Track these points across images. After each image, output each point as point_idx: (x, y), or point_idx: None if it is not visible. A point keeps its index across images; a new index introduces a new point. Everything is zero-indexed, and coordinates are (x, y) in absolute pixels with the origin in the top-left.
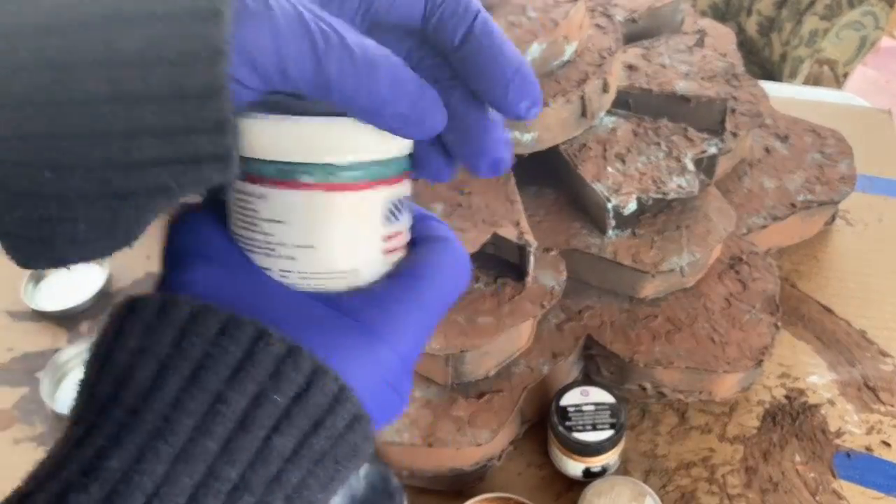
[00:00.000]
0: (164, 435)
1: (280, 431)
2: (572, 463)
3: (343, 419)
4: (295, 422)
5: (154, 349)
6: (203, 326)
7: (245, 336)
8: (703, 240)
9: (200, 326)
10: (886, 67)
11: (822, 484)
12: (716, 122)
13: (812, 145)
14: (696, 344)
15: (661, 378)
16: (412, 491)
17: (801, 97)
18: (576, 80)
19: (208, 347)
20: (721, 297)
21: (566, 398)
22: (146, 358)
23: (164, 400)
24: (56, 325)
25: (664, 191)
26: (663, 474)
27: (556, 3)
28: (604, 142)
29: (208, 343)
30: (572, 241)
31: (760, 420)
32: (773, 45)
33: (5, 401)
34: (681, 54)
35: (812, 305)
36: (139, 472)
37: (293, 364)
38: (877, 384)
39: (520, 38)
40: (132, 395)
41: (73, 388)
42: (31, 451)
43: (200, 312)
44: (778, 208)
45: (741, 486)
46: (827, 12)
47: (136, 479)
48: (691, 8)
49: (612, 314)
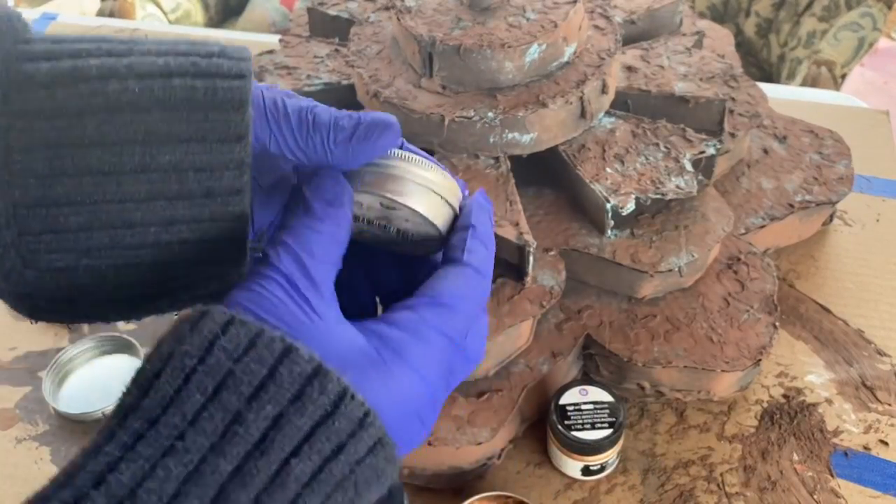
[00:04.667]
0: (177, 452)
1: (299, 456)
2: (571, 462)
3: (366, 445)
4: (316, 447)
5: (182, 359)
6: (231, 340)
7: (271, 353)
8: (702, 240)
9: (228, 340)
10: (884, 68)
11: (819, 483)
12: (714, 122)
13: (810, 146)
14: (695, 343)
15: (659, 377)
16: (412, 489)
17: (800, 98)
18: (575, 82)
19: (232, 364)
20: (719, 297)
21: (565, 397)
22: (173, 367)
23: (182, 415)
24: (58, 324)
25: (663, 191)
26: (662, 473)
27: (555, 4)
28: (603, 142)
29: (233, 359)
30: (571, 241)
31: (758, 419)
32: (772, 47)
33: (8, 400)
34: (679, 55)
35: (810, 305)
36: (147, 490)
37: (319, 387)
38: (874, 383)
39: (519, 40)
40: (153, 404)
41: (75, 388)
42: (33, 450)
43: (231, 324)
44: (776, 208)
45: (739, 485)
46: (825, 14)
47: (144, 498)
48: (690, 9)
49: (610, 314)
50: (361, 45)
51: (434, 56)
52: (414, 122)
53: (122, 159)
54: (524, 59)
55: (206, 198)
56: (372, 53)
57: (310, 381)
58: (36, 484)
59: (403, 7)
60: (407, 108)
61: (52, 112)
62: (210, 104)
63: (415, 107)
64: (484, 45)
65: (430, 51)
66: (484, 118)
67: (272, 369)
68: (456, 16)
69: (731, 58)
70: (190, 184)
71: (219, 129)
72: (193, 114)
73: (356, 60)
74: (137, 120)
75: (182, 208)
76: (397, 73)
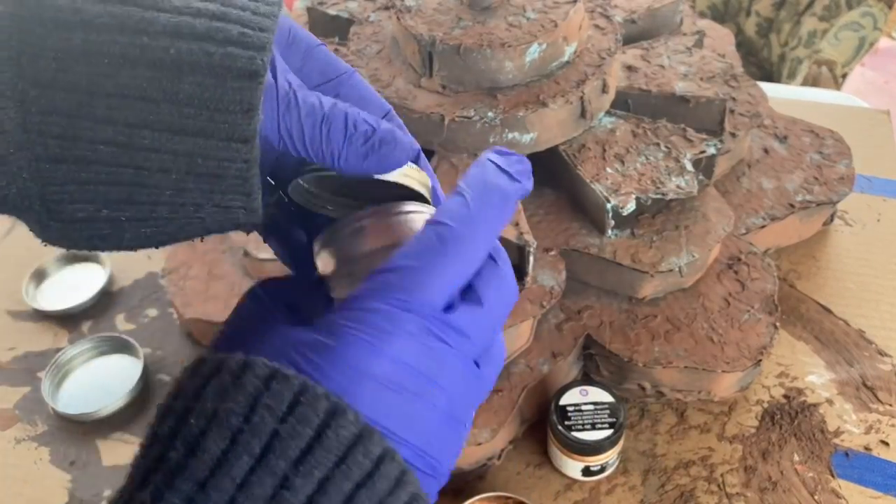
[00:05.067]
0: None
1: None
2: (571, 462)
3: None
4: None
5: (227, 418)
6: (275, 398)
7: (317, 413)
8: (702, 240)
9: (273, 397)
10: (885, 68)
11: (820, 483)
12: (715, 122)
13: (811, 146)
14: (695, 343)
15: (659, 377)
16: None
17: (800, 98)
18: (575, 81)
19: (278, 424)
20: (720, 297)
21: (566, 397)
22: (218, 426)
23: (232, 479)
24: (57, 324)
25: (663, 191)
26: (662, 473)
27: (555, 3)
28: (603, 142)
29: (279, 418)
30: (572, 241)
31: (759, 419)
32: (772, 46)
33: (7, 400)
34: (680, 55)
35: (810, 305)
36: None
37: (364, 450)
38: (875, 384)
39: (519, 39)
40: (202, 466)
41: (74, 388)
42: (33, 450)
43: (273, 379)
44: (776, 208)
45: (740, 486)
46: (825, 13)
47: None
48: (690, 9)
49: (611, 314)
50: (361, 45)
51: (434, 56)
52: (414, 122)
53: (132, 140)
54: (524, 58)
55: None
56: (372, 53)
57: (355, 444)
58: (35, 484)
59: (403, 7)
60: (407, 107)
61: (65, 85)
62: (217, 106)
63: (415, 107)
64: (484, 45)
65: (430, 50)
66: (484, 118)
67: (319, 432)
68: (456, 15)
69: (732, 57)
70: (199, 168)
71: (224, 130)
72: (202, 111)
73: (356, 60)
74: (147, 109)
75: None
76: (397, 72)
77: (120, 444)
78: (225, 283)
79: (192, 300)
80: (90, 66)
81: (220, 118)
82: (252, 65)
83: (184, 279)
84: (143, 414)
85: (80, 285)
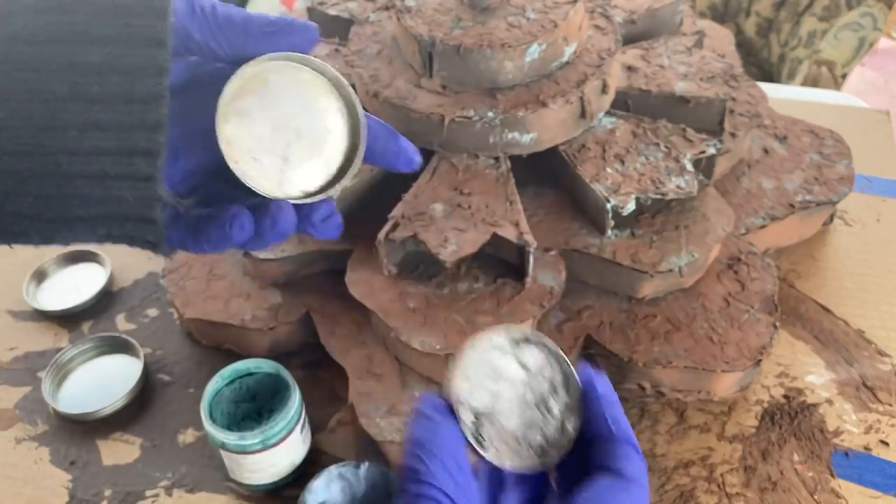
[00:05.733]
0: None
1: None
2: None
3: None
4: None
5: None
6: None
7: None
8: (702, 240)
9: None
10: (885, 68)
11: (820, 483)
12: (714, 122)
13: (810, 146)
14: (695, 343)
15: (659, 377)
16: None
17: (800, 98)
18: (575, 81)
19: None
20: (720, 297)
21: None
22: None
23: None
24: (58, 324)
25: (663, 191)
26: (662, 473)
27: (555, 4)
28: (603, 142)
29: None
30: (571, 241)
31: (759, 419)
32: (772, 46)
33: (7, 400)
34: (679, 55)
35: (810, 305)
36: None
37: None
38: (875, 383)
39: (519, 39)
40: None
41: (74, 388)
42: (33, 450)
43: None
44: (776, 208)
45: (740, 486)
46: (825, 13)
47: None
48: (690, 9)
49: (611, 314)
50: (361, 45)
51: (434, 56)
52: (414, 122)
53: (46, 57)
54: (524, 58)
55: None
56: (372, 53)
57: None
58: (35, 484)
59: (403, 7)
60: (407, 107)
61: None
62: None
63: (415, 107)
64: (484, 45)
65: (430, 51)
66: (484, 118)
67: None
68: (456, 15)
69: (732, 57)
70: (111, 86)
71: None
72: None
73: (356, 60)
74: (64, 20)
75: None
76: (397, 72)
77: (120, 444)
78: (225, 283)
79: (192, 300)
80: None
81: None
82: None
83: (184, 279)
84: (143, 414)
85: (80, 285)
